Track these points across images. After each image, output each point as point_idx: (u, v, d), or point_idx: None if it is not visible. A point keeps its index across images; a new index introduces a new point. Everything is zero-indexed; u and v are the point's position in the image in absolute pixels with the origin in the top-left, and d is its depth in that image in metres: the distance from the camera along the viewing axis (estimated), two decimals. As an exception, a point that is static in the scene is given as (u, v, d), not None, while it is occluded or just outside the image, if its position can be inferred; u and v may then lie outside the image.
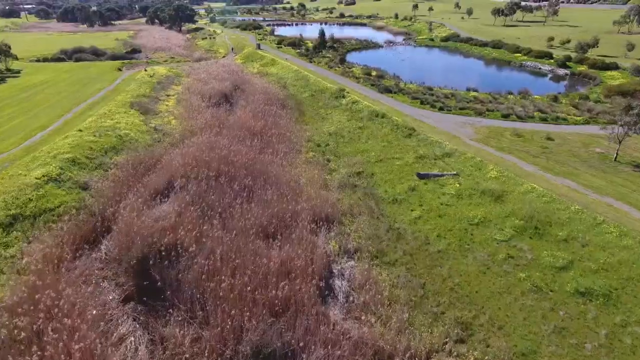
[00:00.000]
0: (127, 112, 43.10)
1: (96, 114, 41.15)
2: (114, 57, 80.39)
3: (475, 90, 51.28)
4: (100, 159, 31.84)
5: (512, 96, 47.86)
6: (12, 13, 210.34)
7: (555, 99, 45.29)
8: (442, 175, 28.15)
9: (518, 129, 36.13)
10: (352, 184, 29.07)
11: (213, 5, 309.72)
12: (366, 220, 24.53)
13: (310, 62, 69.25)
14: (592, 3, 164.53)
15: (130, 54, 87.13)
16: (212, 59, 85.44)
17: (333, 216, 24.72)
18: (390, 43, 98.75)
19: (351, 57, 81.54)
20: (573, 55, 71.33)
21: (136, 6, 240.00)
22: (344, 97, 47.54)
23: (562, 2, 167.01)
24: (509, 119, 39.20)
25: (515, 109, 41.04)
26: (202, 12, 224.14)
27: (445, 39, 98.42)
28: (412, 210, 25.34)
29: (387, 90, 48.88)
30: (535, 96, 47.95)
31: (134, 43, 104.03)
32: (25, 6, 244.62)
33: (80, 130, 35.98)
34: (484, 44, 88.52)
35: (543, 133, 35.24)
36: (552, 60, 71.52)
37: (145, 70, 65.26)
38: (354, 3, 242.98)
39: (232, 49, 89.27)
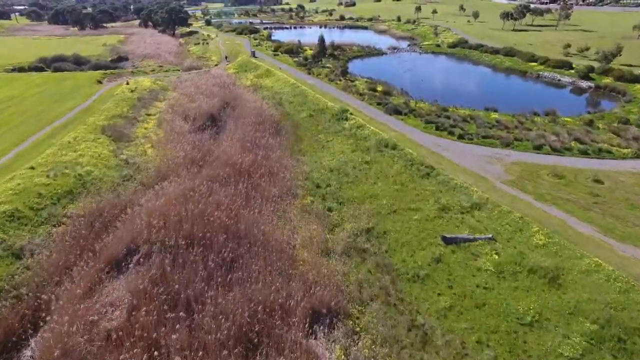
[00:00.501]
0: (96, 140, 37.16)
1: (58, 144, 35.20)
2: (97, 67, 74.35)
3: (496, 111, 45.31)
4: (50, 209, 25.87)
5: (538, 118, 41.95)
6: (3, 15, 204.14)
7: (590, 122, 39.37)
8: (473, 240, 22.22)
9: (557, 167, 30.17)
10: (360, 247, 23.13)
11: (211, 6, 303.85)
12: (380, 310, 18.60)
13: (309, 73, 63.26)
14: (602, 5, 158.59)
15: (115, 63, 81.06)
16: (204, 67, 79.46)
17: (337, 305, 18.78)
18: (394, 49, 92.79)
19: (353, 66, 75.59)
20: (595, 65, 65.35)
21: (131, 7, 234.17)
22: (346, 119, 41.59)
23: (571, 3, 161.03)
24: (542, 151, 33.26)
25: (547, 137, 35.11)
26: (198, 13, 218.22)
27: (453, 45, 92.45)
28: (439, 295, 19.40)
29: (396, 112, 42.92)
30: (565, 118, 42.04)
31: (121, 49, 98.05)
32: (17, 7, 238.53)
33: (32, 168, 30.04)
34: (495, 51, 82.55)
35: (588, 172, 29.30)
36: (573, 71, 65.56)
37: (127, 84, 59.25)
38: (354, 4, 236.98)
39: (226, 57, 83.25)
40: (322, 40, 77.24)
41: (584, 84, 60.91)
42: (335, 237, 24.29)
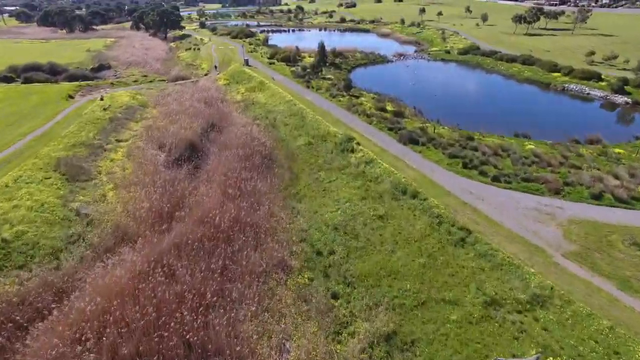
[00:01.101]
0: (44, 181, 30.07)
1: (-8, 189, 28.12)
2: (73, 77, 67.07)
3: (528, 137, 38.40)
4: (-53, 303, 18.75)
5: (583, 149, 34.92)
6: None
7: (650, 157, 32.40)
8: (548, 369, 15.16)
9: (631, 229, 23.11)
10: (380, 372, 16.08)
11: (208, 7, 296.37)
12: None
13: (308, 87, 56.15)
14: (617, 7, 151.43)
15: (95, 72, 73.93)
16: (192, 77, 72.37)
17: None
18: (400, 56, 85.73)
19: (357, 76, 68.65)
20: (629, 76, 58.37)
21: (125, 8, 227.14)
22: (352, 150, 34.57)
23: (582, 5, 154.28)
24: (604, 202, 26.20)
25: (605, 180, 28.07)
26: (194, 15, 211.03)
27: (464, 52, 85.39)
28: None
29: (412, 140, 35.84)
30: (616, 149, 35.03)
31: (105, 56, 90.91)
32: (7, 8, 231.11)
33: (-57, 233, 22.96)
34: (512, 59, 75.49)
35: (674, 239, 22.25)
36: (604, 83, 58.59)
37: (101, 99, 52.15)
38: (354, 5, 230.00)
39: (216, 66, 76.05)
40: (322, 47, 70.18)
41: (619, 98, 53.87)
42: (343, 348, 17.22)
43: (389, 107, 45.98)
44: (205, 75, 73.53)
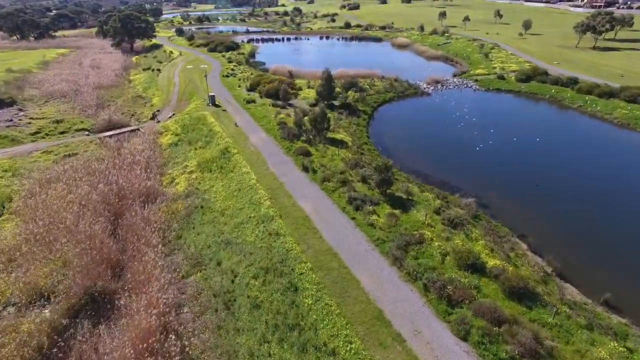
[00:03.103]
0: None
1: None
2: None
3: None
4: None
5: None
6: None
7: None
8: None
9: None
10: None
11: (201, 7, 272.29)
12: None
13: (305, 168, 31.06)
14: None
15: (-15, 113, 49.00)
16: (132, 122, 47.55)
17: None
18: (436, 83, 60.91)
19: (384, 126, 44.03)
20: None
21: (102, 10, 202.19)
22: None
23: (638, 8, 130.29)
24: None
25: None
26: (177, 17, 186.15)
27: (525, 78, 60.43)
28: None
29: None
30: None
31: (27, 80, 65.70)
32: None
33: None
34: (608, 94, 50.82)
35: None
36: None
37: None
38: (357, 7, 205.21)
39: (154, 114, 50.12)
40: (328, 80, 45.47)
41: None
42: None
43: (481, 249, 21.05)
44: (152, 118, 48.51)
